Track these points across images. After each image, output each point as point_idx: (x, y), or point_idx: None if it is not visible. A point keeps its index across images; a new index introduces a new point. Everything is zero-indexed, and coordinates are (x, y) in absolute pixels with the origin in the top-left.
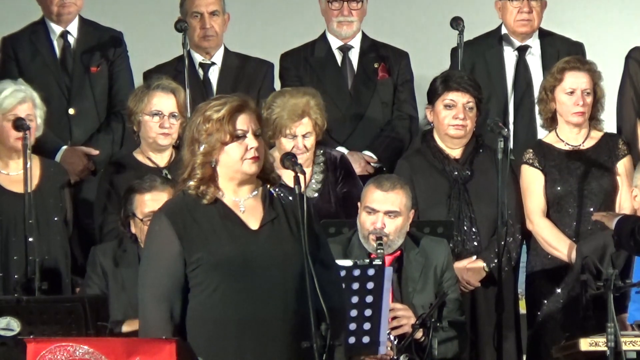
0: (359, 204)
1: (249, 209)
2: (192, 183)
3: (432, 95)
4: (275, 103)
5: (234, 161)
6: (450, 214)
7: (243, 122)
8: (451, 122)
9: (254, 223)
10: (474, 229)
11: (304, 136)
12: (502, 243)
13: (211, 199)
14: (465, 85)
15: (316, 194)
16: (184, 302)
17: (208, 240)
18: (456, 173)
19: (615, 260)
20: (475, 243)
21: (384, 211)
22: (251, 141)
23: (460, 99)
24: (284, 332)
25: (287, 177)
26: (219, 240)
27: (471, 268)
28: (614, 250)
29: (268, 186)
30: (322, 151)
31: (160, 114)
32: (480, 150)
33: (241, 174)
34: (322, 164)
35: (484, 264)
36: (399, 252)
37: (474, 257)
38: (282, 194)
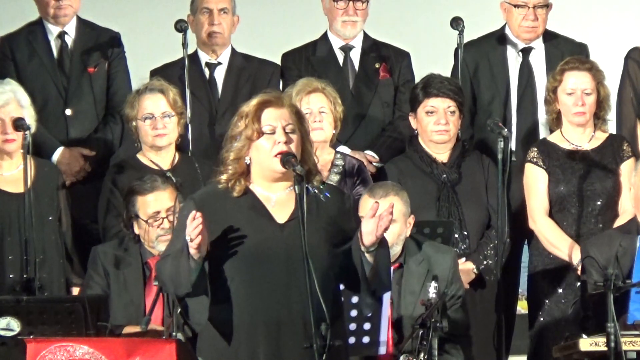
0: None
1: (280, 203)
2: (222, 177)
3: (414, 103)
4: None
5: (263, 157)
6: (439, 217)
7: (271, 117)
8: (434, 128)
9: (281, 217)
10: (464, 232)
11: (320, 112)
12: (502, 243)
13: (240, 192)
14: (445, 90)
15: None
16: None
17: (230, 230)
18: (445, 176)
19: (621, 260)
20: (464, 246)
21: None
22: (279, 136)
23: (440, 104)
24: (298, 330)
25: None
26: (240, 230)
27: (461, 270)
28: (620, 249)
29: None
30: (341, 156)
31: (151, 117)
32: (467, 155)
33: (271, 171)
34: (340, 167)
35: (473, 266)
36: (397, 264)
37: (463, 259)
38: (316, 191)
